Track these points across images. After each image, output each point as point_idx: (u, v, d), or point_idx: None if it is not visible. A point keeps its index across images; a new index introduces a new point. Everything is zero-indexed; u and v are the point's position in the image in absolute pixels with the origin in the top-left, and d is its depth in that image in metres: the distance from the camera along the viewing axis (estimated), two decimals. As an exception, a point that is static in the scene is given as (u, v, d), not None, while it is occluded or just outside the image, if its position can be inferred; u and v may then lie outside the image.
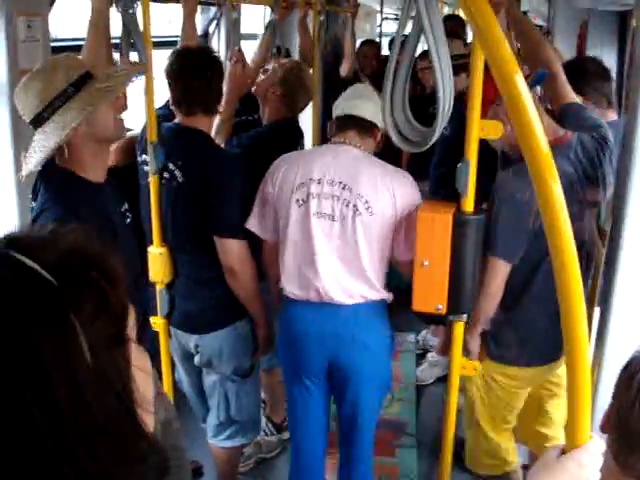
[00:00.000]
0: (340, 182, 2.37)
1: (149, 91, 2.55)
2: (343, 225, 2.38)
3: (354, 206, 2.35)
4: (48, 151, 1.90)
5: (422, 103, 3.47)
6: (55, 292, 0.82)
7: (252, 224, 2.56)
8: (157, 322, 2.69)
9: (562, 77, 2.51)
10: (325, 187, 2.38)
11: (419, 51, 2.25)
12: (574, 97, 2.53)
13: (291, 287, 2.53)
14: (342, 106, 2.54)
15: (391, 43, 1.39)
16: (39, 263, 0.82)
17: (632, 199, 2.20)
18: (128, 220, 2.21)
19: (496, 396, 2.64)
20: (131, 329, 0.92)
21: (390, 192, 2.36)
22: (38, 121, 1.92)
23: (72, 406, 0.82)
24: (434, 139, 1.43)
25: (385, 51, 6.45)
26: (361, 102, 2.50)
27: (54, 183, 2.01)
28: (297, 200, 2.42)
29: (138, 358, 0.93)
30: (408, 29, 1.58)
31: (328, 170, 2.40)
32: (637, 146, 2.19)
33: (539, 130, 1.03)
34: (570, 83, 2.68)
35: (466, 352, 2.45)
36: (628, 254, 2.24)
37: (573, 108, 2.49)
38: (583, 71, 2.91)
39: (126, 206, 2.22)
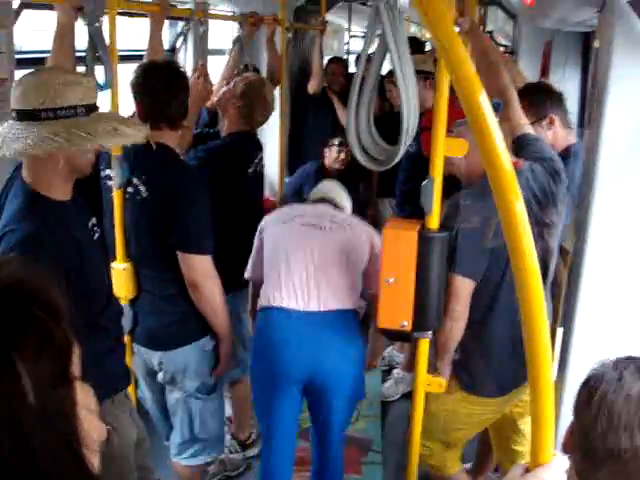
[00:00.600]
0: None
1: (114, 105, 2.53)
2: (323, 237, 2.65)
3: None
4: (22, 147, 1.83)
5: (391, 120, 3.49)
6: None
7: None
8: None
9: (515, 104, 2.53)
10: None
11: (388, 68, 2.26)
12: (527, 123, 2.57)
13: (271, 294, 2.63)
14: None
15: (357, 60, 1.40)
16: None
17: (593, 218, 2.24)
18: (97, 235, 2.17)
19: (460, 423, 2.64)
20: (76, 366, 0.87)
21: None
22: (31, 114, 1.86)
23: (16, 453, 0.76)
24: (398, 157, 1.43)
25: (353, 68, 6.49)
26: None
27: (19, 202, 1.96)
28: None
29: (82, 396, 0.87)
30: (374, 47, 1.60)
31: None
32: (599, 163, 2.23)
33: (502, 148, 1.04)
34: (537, 105, 2.71)
35: (432, 369, 2.45)
36: (590, 275, 2.28)
37: (529, 139, 2.52)
38: (548, 92, 2.95)
39: (94, 221, 2.19)
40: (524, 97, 2.57)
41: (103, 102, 2.39)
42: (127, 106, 2.65)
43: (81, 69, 2.54)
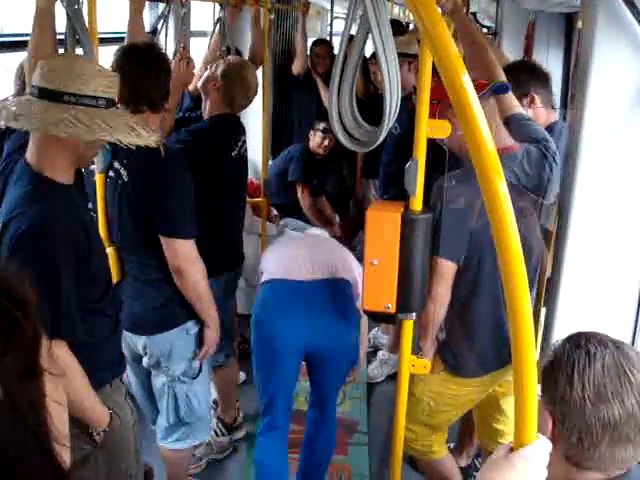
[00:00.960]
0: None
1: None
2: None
3: None
4: (43, 124, 1.81)
5: (376, 103, 3.48)
6: None
7: None
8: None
9: None
10: None
11: (372, 50, 2.24)
12: (518, 105, 2.57)
13: (273, 268, 2.92)
14: None
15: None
16: None
17: (576, 199, 2.25)
18: (94, 219, 2.17)
19: (446, 404, 2.65)
20: (44, 359, 0.86)
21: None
22: (53, 94, 1.84)
23: None
24: (381, 138, 1.42)
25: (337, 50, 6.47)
26: None
27: (25, 185, 1.94)
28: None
29: (52, 389, 0.88)
30: (355, 29, 1.59)
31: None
32: (582, 143, 2.23)
33: (485, 130, 1.04)
34: (519, 84, 2.71)
35: (417, 351, 2.46)
36: (573, 256, 2.29)
37: (519, 119, 2.52)
38: (531, 71, 2.95)
39: (90, 205, 2.18)
40: (507, 75, 2.57)
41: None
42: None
43: (61, 51, 2.51)
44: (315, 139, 4.94)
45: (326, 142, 4.88)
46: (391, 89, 1.24)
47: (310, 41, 5.97)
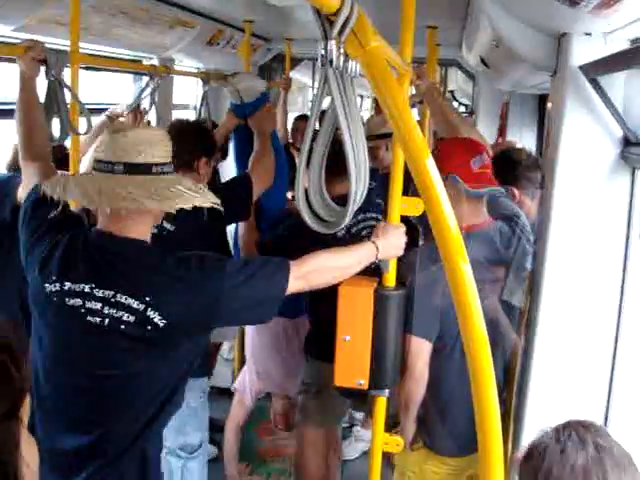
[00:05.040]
0: None
1: (74, 158, 2.53)
2: None
3: None
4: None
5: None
6: None
7: None
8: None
9: None
10: None
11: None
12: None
13: None
14: None
15: (321, 118, 1.40)
16: None
17: (546, 279, 2.27)
18: None
19: None
20: (24, 415, 0.93)
21: None
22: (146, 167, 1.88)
23: None
24: (347, 221, 1.43)
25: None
26: None
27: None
28: None
29: (28, 451, 0.93)
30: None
31: None
32: (552, 221, 2.27)
33: (449, 212, 1.06)
34: (503, 174, 2.76)
35: (391, 428, 2.42)
36: (544, 334, 2.29)
37: (491, 197, 2.57)
38: (515, 162, 2.99)
39: None
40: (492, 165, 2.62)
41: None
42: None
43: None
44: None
45: None
46: (358, 174, 1.26)
47: (290, 115, 6.08)
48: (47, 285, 1.93)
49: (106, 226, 1.94)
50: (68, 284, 1.91)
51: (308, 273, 2.00)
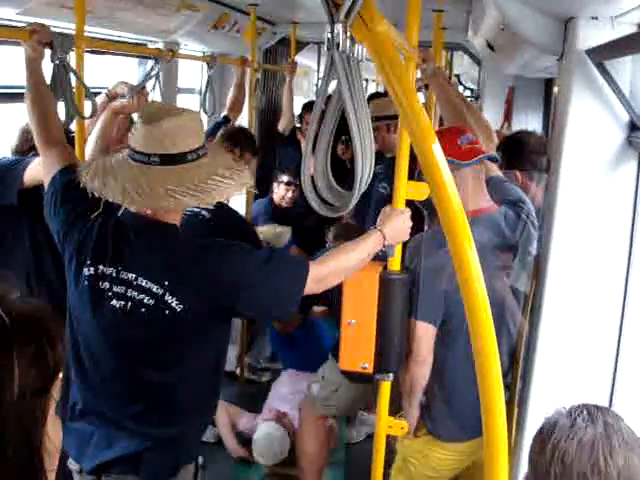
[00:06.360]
0: None
1: (79, 142, 2.52)
2: None
3: None
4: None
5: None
6: (6, 329, 0.95)
7: None
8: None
9: None
10: None
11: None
12: (497, 169, 2.61)
13: None
14: None
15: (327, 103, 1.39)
16: (2, 309, 0.97)
17: (552, 263, 2.27)
18: None
19: (432, 468, 2.60)
20: (56, 390, 1.01)
21: None
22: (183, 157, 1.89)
23: None
24: (353, 203, 1.43)
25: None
26: None
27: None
28: None
29: (52, 429, 1.01)
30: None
31: None
32: (557, 206, 2.27)
33: (454, 195, 1.06)
34: (509, 157, 2.75)
35: (395, 412, 2.43)
36: (549, 319, 2.30)
37: (495, 182, 2.56)
38: (522, 146, 2.98)
39: None
40: (499, 148, 2.61)
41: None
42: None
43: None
44: (278, 192, 4.97)
45: (289, 194, 4.91)
46: (364, 157, 1.26)
47: (296, 99, 6.07)
48: (84, 269, 1.97)
49: (139, 209, 1.95)
50: (101, 267, 1.96)
51: (325, 277, 2.02)
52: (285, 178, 4.89)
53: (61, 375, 1.04)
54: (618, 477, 1.25)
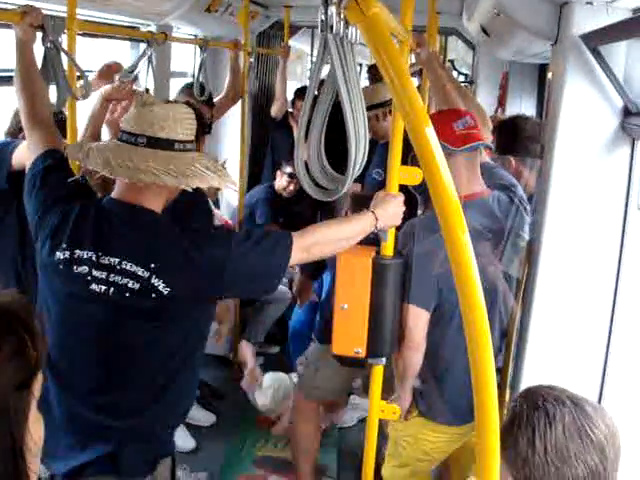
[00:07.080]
0: None
1: (71, 125, 2.52)
2: None
3: None
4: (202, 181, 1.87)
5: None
6: None
7: None
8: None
9: None
10: None
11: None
12: (484, 154, 2.61)
13: None
14: None
15: (320, 87, 1.38)
16: None
17: (545, 248, 2.28)
18: None
19: (423, 451, 2.63)
20: (37, 390, 1.00)
21: None
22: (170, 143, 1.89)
23: None
24: (346, 188, 1.43)
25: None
26: None
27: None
28: None
29: (34, 426, 1.00)
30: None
31: None
32: (550, 192, 2.27)
33: (448, 180, 1.05)
34: (505, 142, 2.74)
35: (388, 396, 2.44)
36: (541, 304, 2.31)
37: (487, 167, 2.56)
38: (518, 131, 2.98)
39: None
40: (494, 132, 2.60)
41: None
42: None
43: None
44: (281, 182, 4.99)
45: (291, 187, 4.94)
46: (357, 141, 1.25)
47: (289, 84, 6.04)
48: (58, 253, 1.93)
49: (121, 195, 1.95)
50: (77, 252, 1.92)
51: (310, 246, 2.01)
52: (289, 169, 4.89)
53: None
54: (605, 439, 1.29)
